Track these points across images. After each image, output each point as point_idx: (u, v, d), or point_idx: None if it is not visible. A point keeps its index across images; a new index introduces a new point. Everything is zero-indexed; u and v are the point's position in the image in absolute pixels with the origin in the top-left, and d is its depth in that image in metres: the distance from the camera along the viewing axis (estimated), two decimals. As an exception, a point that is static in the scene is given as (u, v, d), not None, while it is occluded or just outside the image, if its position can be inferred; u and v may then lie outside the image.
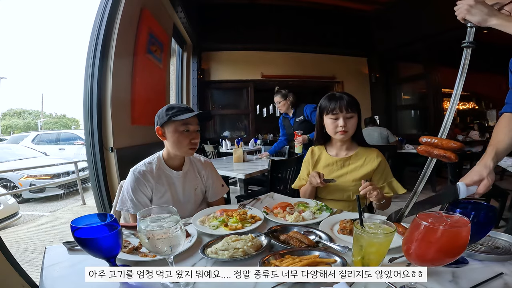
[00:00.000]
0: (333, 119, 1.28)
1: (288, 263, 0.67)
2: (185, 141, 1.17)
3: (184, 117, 1.14)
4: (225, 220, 1.01)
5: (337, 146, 1.37)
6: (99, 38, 2.42)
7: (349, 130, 1.27)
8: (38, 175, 5.16)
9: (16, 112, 25.17)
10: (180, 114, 1.14)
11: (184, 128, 1.17)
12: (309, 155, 1.44)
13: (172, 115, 1.15)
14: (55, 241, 3.05)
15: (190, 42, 5.38)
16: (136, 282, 0.68)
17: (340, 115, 1.26)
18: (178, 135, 1.17)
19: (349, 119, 1.27)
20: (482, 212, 0.70)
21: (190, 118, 1.16)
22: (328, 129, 1.32)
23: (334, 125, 1.28)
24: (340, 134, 1.27)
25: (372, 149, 1.35)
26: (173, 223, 0.64)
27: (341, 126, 1.25)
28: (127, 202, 1.16)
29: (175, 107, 1.17)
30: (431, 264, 0.57)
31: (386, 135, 3.98)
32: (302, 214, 1.05)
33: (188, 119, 1.16)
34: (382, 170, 1.30)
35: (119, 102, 2.56)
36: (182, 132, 1.17)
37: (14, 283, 1.41)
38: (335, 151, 1.38)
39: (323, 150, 1.41)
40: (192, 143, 1.19)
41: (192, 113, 1.16)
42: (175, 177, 1.25)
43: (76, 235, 0.63)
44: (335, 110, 1.26)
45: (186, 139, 1.17)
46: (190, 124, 1.18)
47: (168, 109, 1.17)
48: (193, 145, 1.19)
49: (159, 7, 3.53)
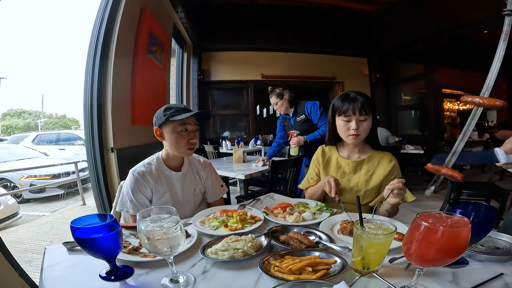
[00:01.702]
0: (346, 121, 1.22)
1: (288, 264, 0.67)
2: (183, 141, 1.17)
3: (182, 117, 1.13)
4: (225, 220, 1.01)
5: (349, 148, 1.32)
6: (99, 38, 2.42)
7: (361, 134, 1.21)
8: (38, 175, 5.17)
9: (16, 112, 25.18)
10: (177, 114, 1.14)
11: (181, 128, 1.16)
12: (319, 155, 1.38)
13: (170, 115, 1.14)
14: (55, 241, 3.05)
15: (190, 42, 5.39)
16: (136, 282, 0.68)
17: (353, 117, 1.19)
18: (176, 135, 1.16)
19: (362, 122, 1.20)
20: (482, 213, 0.70)
21: (188, 118, 1.15)
22: (340, 131, 1.26)
23: (346, 127, 1.22)
24: (352, 137, 1.21)
25: (385, 153, 1.30)
26: (173, 223, 0.64)
27: (353, 129, 1.19)
28: (127, 203, 1.16)
29: (173, 107, 1.17)
30: (431, 265, 0.57)
31: (386, 136, 3.98)
32: (302, 215, 1.05)
33: (186, 119, 1.16)
34: (395, 174, 1.25)
35: (119, 103, 2.55)
36: (180, 132, 1.16)
37: (14, 283, 1.41)
38: (347, 153, 1.33)
39: (335, 151, 1.35)
40: (190, 143, 1.18)
41: (189, 113, 1.15)
42: (174, 178, 1.25)
43: (76, 235, 0.63)
44: (347, 112, 1.19)
45: (184, 139, 1.17)
46: (188, 124, 1.17)
47: (166, 109, 1.17)
48: (191, 145, 1.19)
49: (159, 7, 3.54)
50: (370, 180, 1.26)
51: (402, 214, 1.23)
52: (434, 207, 3.36)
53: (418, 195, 1.14)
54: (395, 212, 1.18)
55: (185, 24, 4.53)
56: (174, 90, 5.28)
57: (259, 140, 5.74)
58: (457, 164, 0.74)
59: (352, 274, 0.68)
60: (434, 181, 0.78)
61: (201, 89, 5.81)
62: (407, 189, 1.17)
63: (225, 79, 6.06)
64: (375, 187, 1.25)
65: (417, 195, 1.18)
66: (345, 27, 6.10)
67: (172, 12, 4.04)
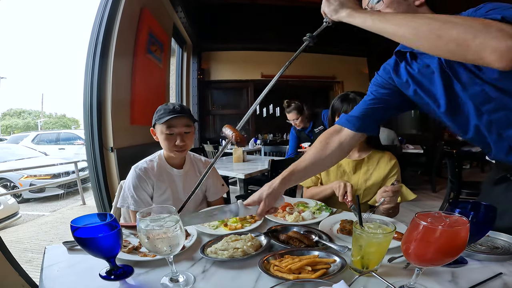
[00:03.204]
0: None
1: (287, 263, 0.67)
2: (169, 144, 1.19)
3: (163, 120, 1.15)
4: (225, 220, 1.01)
5: None
6: (99, 37, 2.42)
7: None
8: (38, 175, 5.17)
9: (16, 112, 25.18)
10: (164, 117, 1.16)
11: (168, 131, 1.18)
12: None
13: (158, 118, 1.18)
14: (55, 241, 3.05)
15: (190, 42, 5.38)
16: (136, 282, 0.68)
17: None
18: (163, 138, 1.19)
19: None
20: (481, 212, 0.70)
21: (175, 120, 1.17)
22: None
23: None
24: None
25: (385, 152, 1.31)
26: (173, 222, 0.64)
27: None
28: (128, 198, 1.17)
29: (162, 109, 1.19)
30: (430, 264, 0.57)
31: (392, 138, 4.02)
32: (301, 214, 1.05)
33: (173, 122, 1.17)
34: (394, 172, 1.26)
35: (119, 102, 2.56)
36: (166, 135, 1.18)
37: (14, 283, 1.41)
38: None
39: None
40: (176, 145, 1.19)
41: (170, 115, 1.15)
42: (175, 175, 1.27)
43: (76, 235, 0.63)
44: (346, 112, 1.20)
45: (171, 142, 1.19)
46: (174, 127, 1.18)
47: (157, 111, 1.21)
48: (177, 148, 1.20)
49: (159, 6, 3.53)
50: (370, 179, 1.27)
51: (402, 214, 1.23)
52: (433, 207, 3.37)
53: (418, 195, 1.14)
54: (396, 212, 1.18)
55: (185, 24, 4.52)
56: (173, 90, 5.28)
57: (259, 139, 5.74)
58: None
59: (351, 273, 0.68)
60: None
61: (200, 89, 5.81)
62: (407, 187, 1.18)
63: (225, 78, 6.07)
64: (375, 186, 1.26)
65: (417, 195, 1.18)
66: (345, 26, 6.08)
67: (172, 11, 4.04)
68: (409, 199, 1.16)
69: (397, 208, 1.18)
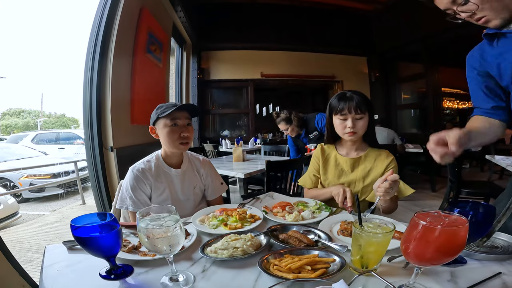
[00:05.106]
0: (342, 119, 1.25)
1: (287, 262, 0.67)
2: (174, 136, 1.19)
3: (169, 111, 1.17)
4: (225, 219, 1.01)
5: (347, 146, 1.35)
6: (99, 37, 2.41)
7: (358, 131, 1.24)
8: (37, 174, 5.16)
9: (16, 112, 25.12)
10: (167, 111, 1.18)
11: (172, 123, 1.19)
12: (318, 153, 1.41)
13: (160, 113, 1.19)
14: (55, 240, 3.05)
15: (190, 41, 5.37)
16: (136, 281, 0.68)
17: (349, 116, 1.22)
18: (167, 131, 1.19)
19: (358, 120, 1.23)
20: (480, 212, 0.70)
21: (178, 113, 1.19)
22: (337, 129, 1.29)
23: (342, 125, 1.25)
24: (348, 135, 1.25)
25: (382, 150, 1.33)
26: (173, 222, 0.64)
27: (349, 127, 1.22)
28: (127, 200, 1.17)
29: (163, 106, 1.21)
30: (429, 264, 0.58)
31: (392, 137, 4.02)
32: (301, 214, 1.05)
33: (176, 114, 1.19)
34: (391, 168, 1.26)
35: (118, 102, 2.55)
36: (170, 127, 1.19)
37: (14, 283, 1.41)
38: (345, 151, 1.36)
39: (333, 149, 1.39)
40: (182, 137, 1.20)
41: (173, 108, 1.18)
42: (173, 175, 1.26)
43: (76, 234, 0.63)
44: (343, 111, 1.23)
45: (176, 134, 1.19)
46: (178, 119, 1.20)
47: (158, 108, 1.22)
48: (183, 139, 1.21)
49: (158, 6, 3.53)
50: (368, 177, 1.28)
51: (401, 213, 1.24)
52: (433, 206, 3.37)
53: (418, 195, 1.14)
54: (394, 207, 1.19)
55: (185, 23, 4.52)
56: (173, 89, 5.28)
57: (258, 139, 5.75)
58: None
59: (350, 272, 0.68)
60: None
61: (200, 88, 5.80)
62: (405, 183, 1.19)
63: (225, 78, 6.05)
64: (373, 183, 1.26)
65: (416, 195, 1.18)
66: (344, 26, 6.10)
67: (172, 11, 4.03)
68: (407, 194, 1.18)
69: (396, 203, 1.19)
